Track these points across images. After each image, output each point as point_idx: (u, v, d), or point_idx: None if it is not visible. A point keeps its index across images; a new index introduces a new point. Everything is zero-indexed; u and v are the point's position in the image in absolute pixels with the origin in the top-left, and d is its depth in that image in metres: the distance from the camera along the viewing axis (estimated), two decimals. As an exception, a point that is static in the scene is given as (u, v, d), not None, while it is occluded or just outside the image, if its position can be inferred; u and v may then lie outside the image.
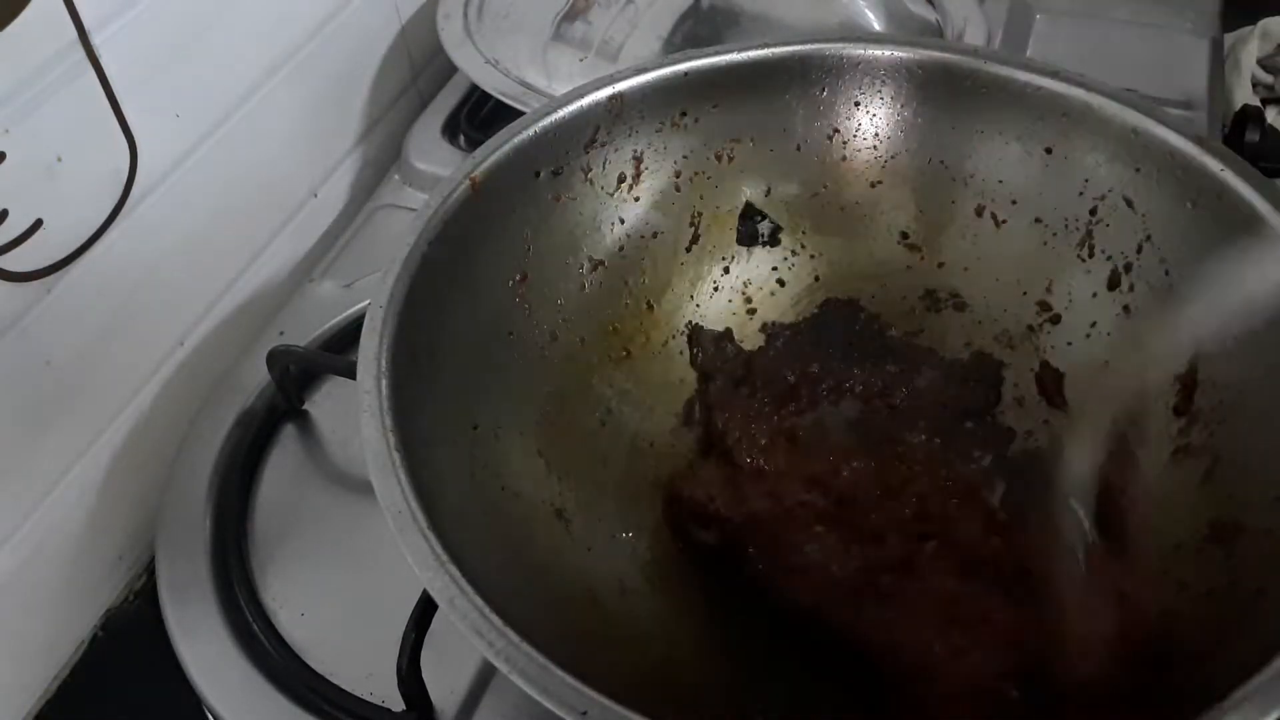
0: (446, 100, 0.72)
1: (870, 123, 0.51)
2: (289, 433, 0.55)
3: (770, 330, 0.53)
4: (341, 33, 0.65)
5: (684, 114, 0.50)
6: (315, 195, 0.67)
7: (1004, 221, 0.50)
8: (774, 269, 0.53)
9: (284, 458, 0.54)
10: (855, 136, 0.51)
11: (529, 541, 0.43)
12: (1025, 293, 0.50)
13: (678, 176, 0.52)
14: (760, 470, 0.49)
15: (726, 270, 0.53)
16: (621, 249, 0.51)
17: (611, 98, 0.48)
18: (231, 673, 0.46)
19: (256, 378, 0.56)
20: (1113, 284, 0.47)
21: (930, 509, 0.48)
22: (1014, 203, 0.50)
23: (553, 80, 0.65)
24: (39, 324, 0.47)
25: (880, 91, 0.50)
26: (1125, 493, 0.44)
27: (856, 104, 0.51)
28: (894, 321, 0.52)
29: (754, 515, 0.47)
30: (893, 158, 0.51)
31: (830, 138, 0.51)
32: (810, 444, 0.50)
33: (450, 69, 0.71)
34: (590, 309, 0.50)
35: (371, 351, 0.38)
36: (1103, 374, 0.47)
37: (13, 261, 0.44)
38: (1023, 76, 0.47)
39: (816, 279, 0.53)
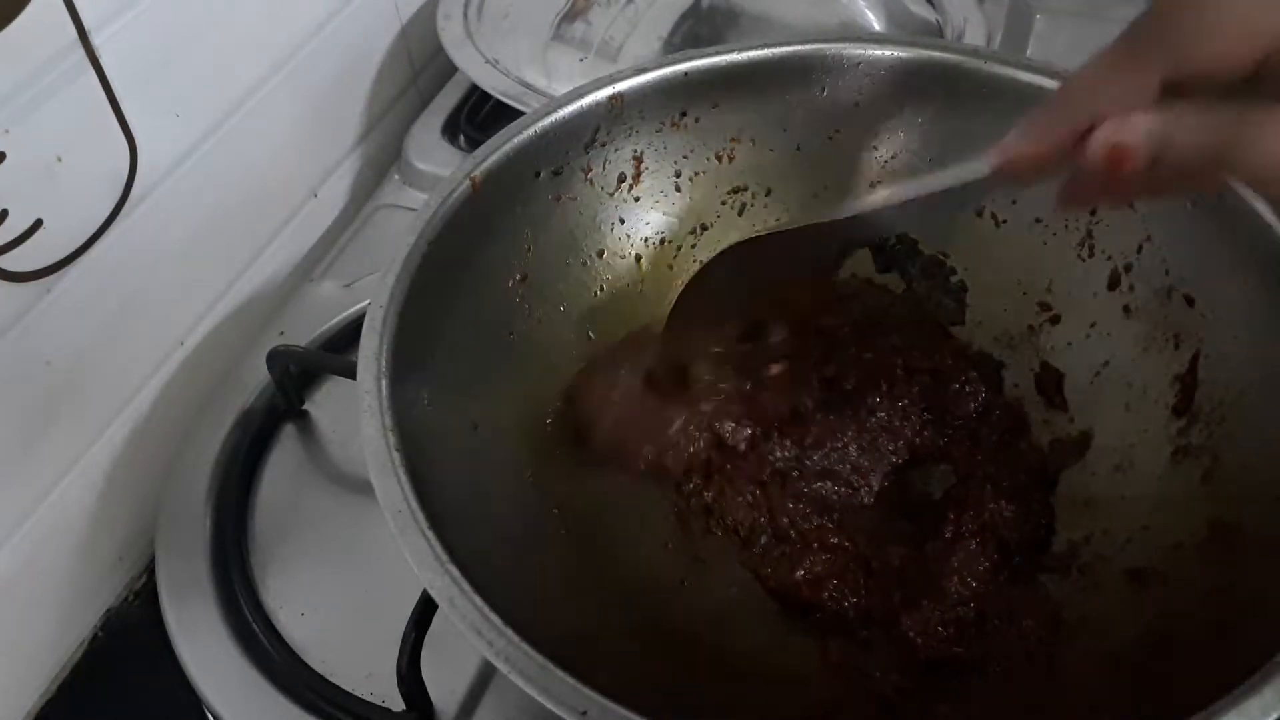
0: (446, 100, 0.72)
1: (870, 123, 0.51)
2: (289, 433, 0.55)
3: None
4: (341, 33, 0.65)
5: (684, 114, 0.50)
6: (315, 195, 0.67)
7: (1004, 221, 0.50)
8: (774, 269, 0.53)
9: (284, 458, 0.54)
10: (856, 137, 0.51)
11: (530, 541, 0.43)
12: (1025, 293, 0.50)
13: (678, 176, 0.52)
14: (771, 472, 0.49)
15: (727, 270, 0.53)
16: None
17: (611, 98, 0.48)
18: (231, 673, 0.46)
19: (256, 378, 0.56)
20: (1113, 284, 0.47)
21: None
22: (1014, 203, 0.50)
23: (553, 80, 0.65)
24: (39, 324, 0.47)
25: (880, 91, 0.50)
26: None
27: (856, 104, 0.51)
28: (894, 321, 0.52)
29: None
30: (893, 157, 0.51)
31: (831, 138, 0.51)
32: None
33: (450, 69, 0.71)
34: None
35: (371, 351, 0.38)
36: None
37: (13, 261, 0.44)
38: (1023, 76, 0.47)
39: (817, 279, 0.53)
